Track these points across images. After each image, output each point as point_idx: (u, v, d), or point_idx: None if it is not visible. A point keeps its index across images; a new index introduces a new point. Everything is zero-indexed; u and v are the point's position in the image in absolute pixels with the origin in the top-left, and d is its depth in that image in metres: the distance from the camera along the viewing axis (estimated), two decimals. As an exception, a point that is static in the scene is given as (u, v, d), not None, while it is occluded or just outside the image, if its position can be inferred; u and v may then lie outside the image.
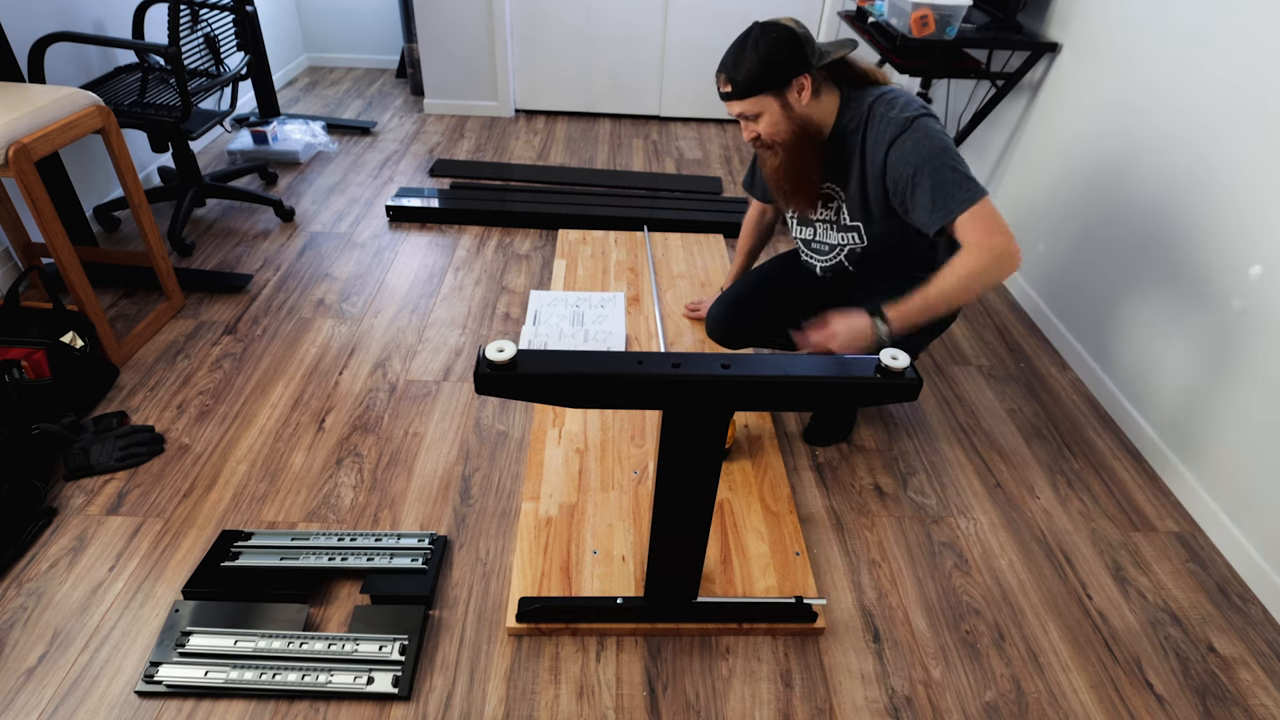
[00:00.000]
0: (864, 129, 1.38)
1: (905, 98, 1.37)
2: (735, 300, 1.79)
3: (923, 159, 1.30)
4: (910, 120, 1.32)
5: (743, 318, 1.78)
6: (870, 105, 1.38)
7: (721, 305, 1.81)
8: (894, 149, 1.33)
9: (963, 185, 1.29)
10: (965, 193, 1.29)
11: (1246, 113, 1.55)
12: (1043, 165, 2.28)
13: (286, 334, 2.06)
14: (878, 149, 1.36)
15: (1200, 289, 1.65)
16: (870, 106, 1.38)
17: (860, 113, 1.39)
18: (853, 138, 1.41)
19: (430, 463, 1.67)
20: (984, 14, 2.38)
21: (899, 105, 1.35)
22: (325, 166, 3.05)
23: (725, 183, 3.11)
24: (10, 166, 1.54)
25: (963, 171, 1.30)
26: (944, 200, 1.30)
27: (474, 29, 3.41)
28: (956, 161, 1.31)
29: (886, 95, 1.37)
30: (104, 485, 1.57)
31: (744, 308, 1.78)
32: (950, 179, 1.30)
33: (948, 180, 1.29)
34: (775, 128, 1.39)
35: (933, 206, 1.31)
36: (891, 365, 0.95)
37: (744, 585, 1.39)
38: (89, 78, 2.36)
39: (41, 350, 1.65)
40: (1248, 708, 1.28)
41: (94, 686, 1.21)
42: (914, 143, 1.31)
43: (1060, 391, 2.01)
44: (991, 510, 1.64)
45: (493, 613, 1.36)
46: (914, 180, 1.32)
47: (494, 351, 0.93)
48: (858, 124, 1.39)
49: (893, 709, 1.25)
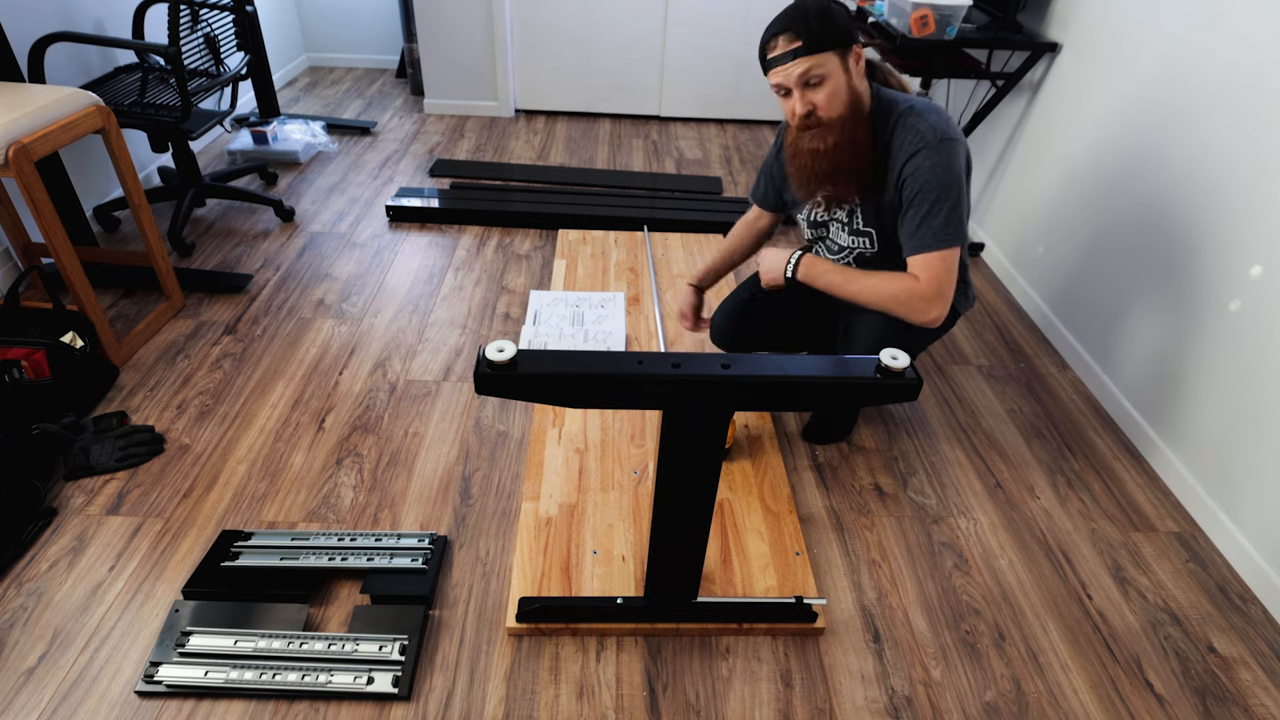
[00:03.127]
0: (891, 132, 1.36)
1: (940, 113, 1.35)
2: (738, 310, 1.76)
3: (932, 184, 1.31)
4: (940, 140, 1.31)
5: (746, 326, 1.76)
6: (902, 111, 1.35)
7: (725, 315, 1.78)
8: (914, 160, 1.32)
9: (945, 228, 1.32)
10: (942, 236, 1.32)
11: (1247, 112, 1.55)
12: (1043, 165, 2.28)
13: (286, 334, 2.06)
14: (900, 155, 1.34)
15: (1200, 288, 1.65)
16: (902, 113, 1.35)
17: (891, 116, 1.36)
18: (878, 137, 1.38)
19: (430, 463, 1.67)
20: (984, 14, 2.38)
21: (932, 118, 1.33)
22: (325, 166, 3.05)
23: (725, 183, 3.11)
24: (10, 166, 1.54)
25: (957, 215, 1.32)
26: (924, 234, 1.33)
27: (474, 29, 3.41)
28: (957, 201, 1.32)
29: (920, 105, 1.36)
30: (104, 485, 1.57)
31: (748, 317, 1.75)
32: (942, 218, 1.32)
33: (942, 215, 1.32)
34: (835, 97, 1.30)
35: (913, 233, 1.35)
36: (891, 365, 0.95)
37: (744, 585, 1.39)
38: (89, 78, 2.36)
39: (41, 350, 1.65)
40: (1248, 708, 1.28)
41: (94, 686, 1.21)
42: (933, 164, 1.31)
43: (1060, 391, 2.01)
44: (991, 510, 1.64)
45: (493, 613, 1.36)
46: (915, 200, 1.33)
47: (494, 351, 0.93)
48: (886, 127, 1.37)
49: (893, 709, 1.25)
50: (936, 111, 1.35)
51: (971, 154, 1.44)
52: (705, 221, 2.68)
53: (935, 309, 1.35)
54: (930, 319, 1.36)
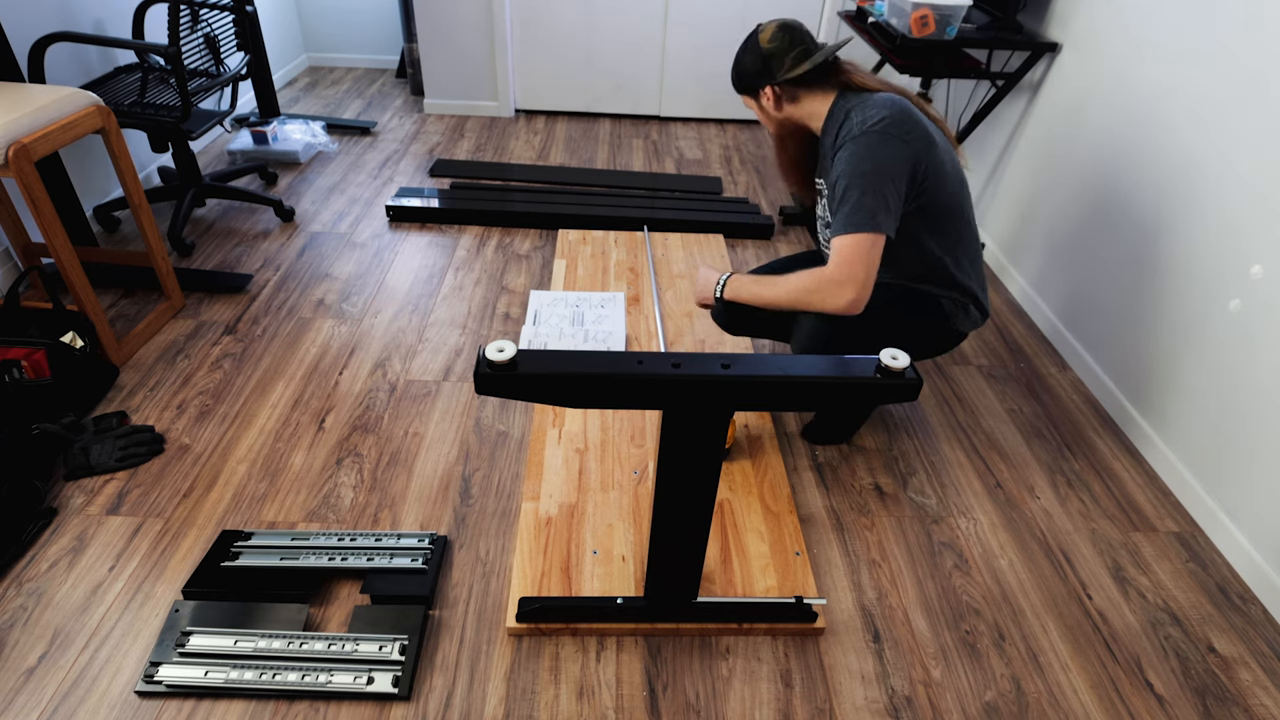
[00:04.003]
0: (838, 130, 1.43)
1: (880, 108, 1.37)
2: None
3: (845, 173, 1.36)
4: (863, 133, 1.36)
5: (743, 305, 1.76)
6: (850, 110, 1.42)
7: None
8: (838, 155, 1.40)
9: (856, 212, 1.34)
10: (852, 220, 1.35)
11: (1247, 111, 1.55)
12: (1042, 165, 2.28)
13: (286, 334, 2.06)
14: (832, 152, 1.43)
15: (1200, 287, 1.65)
16: (850, 111, 1.42)
17: (840, 115, 1.44)
18: (828, 137, 1.47)
19: (430, 463, 1.67)
20: (984, 14, 2.38)
21: (868, 113, 1.38)
22: (325, 166, 3.05)
23: (725, 183, 3.11)
24: (10, 166, 1.54)
25: (869, 200, 1.34)
26: (838, 220, 1.37)
27: (474, 29, 3.41)
28: (872, 186, 1.34)
29: (868, 102, 1.40)
30: (104, 485, 1.57)
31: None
32: (853, 201, 1.35)
33: (850, 201, 1.35)
34: (766, 122, 1.58)
35: (833, 220, 1.39)
36: (891, 365, 0.95)
37: (744, 585, 1.39)
38: (89, 78, 2.36)
39: (41, 350, 1.65)
40: (1248, 708, 1.28)
41: (94, 686, 1.21)
42: (849, 154, 1.37)
43: (1060, 391, 2.01)
44: (991, 510, 1.64)
45: (493, 613, 1.36)
46: (835, 188, 1.39)
47: (494, 351, 0.93)
48: (836, 125, 1.44)
49: (893, 709, 1.25)
50: (879, 107, 1.38)
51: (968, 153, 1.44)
52: (705, 221, 2.68)
53: (846, 292, 1.37)
54: (843, 304, 1.38)
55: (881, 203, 1.34)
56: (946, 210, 1.45)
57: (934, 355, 1.67)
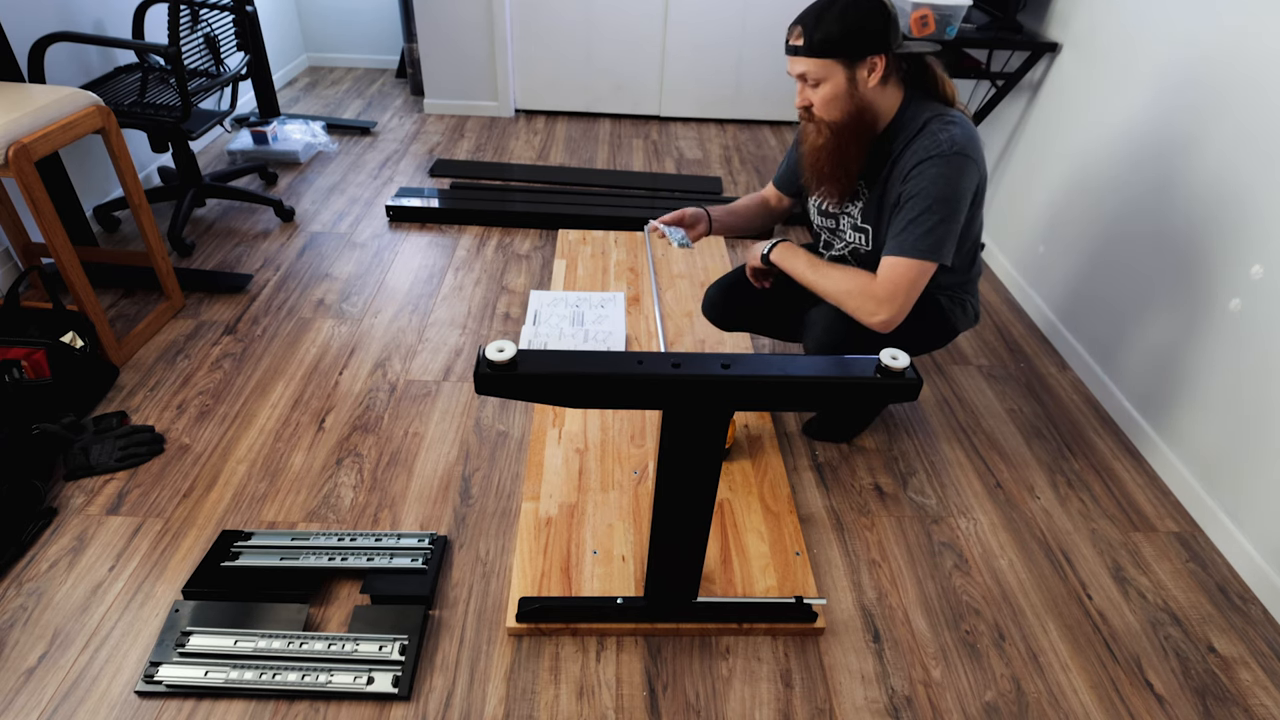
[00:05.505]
0: (913, 139, 1.33)
1: (962, 125, 1.32)
2: (731, 284, 1.77)
3: (929, 192, 1.30)
4: (955, 153, 1.29)
5: (735, 300, 1.75)
6: (929, 119, 1.32)
7: (717, 288, 1.79)
8: (922, 165, 1.31)
9: (926, 238, 1.31)
10: (920, 246, 1.31)
11: (1248, 110, 1.55)
12: (1043, 165, 2.28)
13: (286, 334, 2.06)
14: (913, 158, 1.33)
15: (1201, 287, 1.65)
16: (929, 120, 1.32)
17: (916, 122, 1.34)
18: (897, 143, 1.36)
19: (430, 463, 1.67)
20: (984, 14, 2.38)
21: (956, 131, 1.30)
22: (325, 166, 3.05)
23: (725, 183, 3.11)
24: (10, 166, 1.54)
25: (943, 229, 1.31)
26: (904, 237, 1.32)
27: (474, 29, 3.41)
28: (950, 214, 1.31)
29: (948, 115, 1.33)
30: (104, 485, 1.57)
31: (738, 291, 1.75)
32: (928, 226, 1.31)
33: (925, 225, 1.31)
34: (831, 102, 1.32)
35: (896, 234, 1.34)
36: (891, 365, 0.95)
37: (744, 585, 1.39)
38: (89, 78, 2.36)
39: (41, 350, 1.65)
40: (1248, 708, 1.28)
41: (94, 686, 1.21)
42: (938, 173, 1.29)
43: (1060, 391, 2.01)
44: (991, 510, 1.64)
45: (493, 613, 1.36)
46: (910, 201, 1.32)
47: (494, 351, 0.93)
48: (910, 132, 1.34)
49: (893, 709, 1.25)
50: (964, 127, 1.32)
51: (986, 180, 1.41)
52: (705, 221, 2.68)
53: (884, 311, 1.34)
54: (877, 321, 1.35)
55: (952, 233, 1.32)
56: (969, 221, 1.42)
57: (930, 350, 1.66)
